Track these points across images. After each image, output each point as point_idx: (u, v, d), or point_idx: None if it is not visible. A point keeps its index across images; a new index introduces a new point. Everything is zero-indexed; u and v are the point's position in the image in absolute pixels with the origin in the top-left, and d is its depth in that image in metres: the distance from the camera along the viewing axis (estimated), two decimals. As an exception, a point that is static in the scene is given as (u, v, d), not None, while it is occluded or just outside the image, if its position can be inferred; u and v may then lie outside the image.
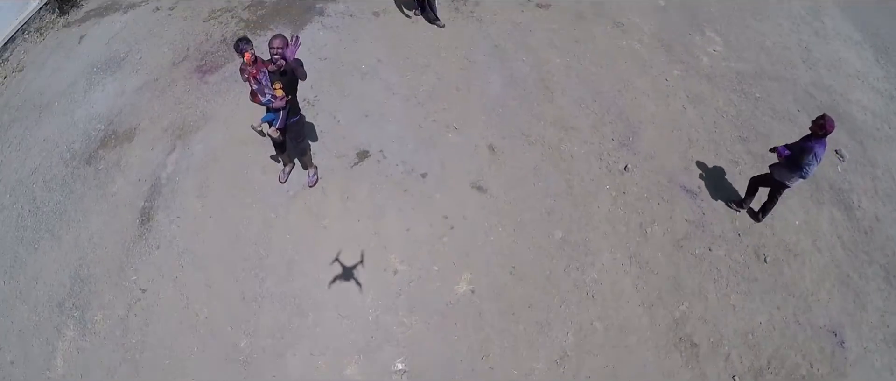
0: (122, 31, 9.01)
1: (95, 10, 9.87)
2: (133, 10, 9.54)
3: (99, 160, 6.78)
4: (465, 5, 8.55)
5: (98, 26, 9.30)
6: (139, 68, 8.06)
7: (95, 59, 8.40)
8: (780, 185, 5.60)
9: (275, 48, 4.76)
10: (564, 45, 8.01)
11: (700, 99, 7.46)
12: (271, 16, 8.31)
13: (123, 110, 7.34)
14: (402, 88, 7.05)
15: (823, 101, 7.63)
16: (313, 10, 8.29)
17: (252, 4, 8.66)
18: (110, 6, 9.85)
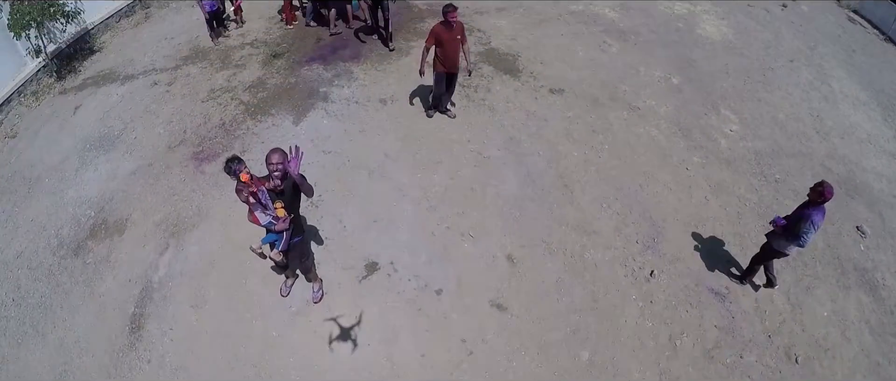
0: (119, 105, 9.17)
1: (93, 79, 10.12)
2: (130, 82, 9.77)
3: (87, 252, 6.73)
4: (476, 92, 8.74)
5: (94, 97, 9.50)
6: (133, 149, 8.13)
7: (89, 135, 8.49)
8: (778, 254, 5.69)
9: (273, 164, 4.40)
10: (581, 135, 8.09)
11: (722, 188, 7.58)
12: (273, 100, 8.38)
13: (115, 197, 7.33)
14: (412, 188, 7.00)
15: (840, 173, 7.97)
16: (316, 94, 8.37)
17: (253, 86, 8.77)
18: (108, 75, 10.11)
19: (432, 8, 11.34)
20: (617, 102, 8.84)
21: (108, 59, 10.81)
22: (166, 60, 10.27)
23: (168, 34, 11.37)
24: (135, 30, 12.06)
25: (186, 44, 10.74)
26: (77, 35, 11.32)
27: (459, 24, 6.96)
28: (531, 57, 9.80)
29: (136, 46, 11.12)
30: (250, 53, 9.88)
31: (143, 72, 10.02)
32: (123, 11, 12.63)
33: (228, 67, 9.55)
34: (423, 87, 8.62)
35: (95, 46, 11.46)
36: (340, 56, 9.55)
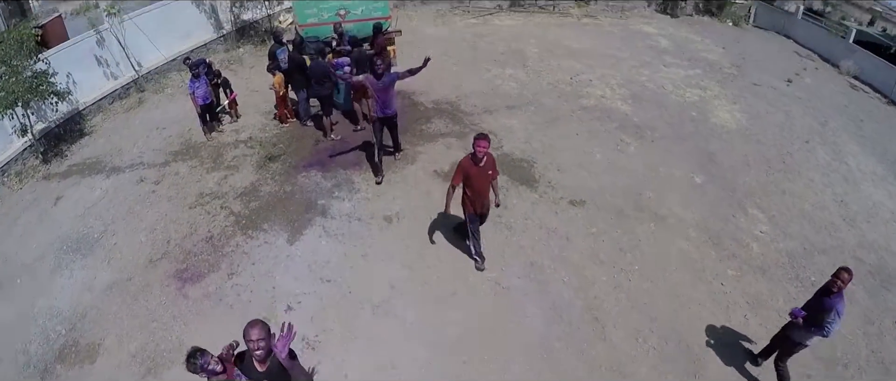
0: (101, 202, 9.11)
1: (79, 166, 10.18)
2: (116, 176, 9.77)
3: (56, 379, 6.39)
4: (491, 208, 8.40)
5: (78, 189, 9.48)
6: (112, 258, 7.96)
7: (68, 233, 8.39)
8: (799, 346, 5.74)
9: (254, 342, 3.67)
10: (609, 255, 7.85)
11: (759, 302, 7.42)
12: (266, 211, 8.22)
13: (89, 314, 7.09)
14: (423, 328, 6.61)
15: (872, 262, 8.18)
16: (314, 208, 8.22)
17: (245, 193, 8.65)
18: (95, 164, 10.16)
19: (439, 106, 11.48)
20: (642, 212, 8.71)
21: (97, 146, 10.93)
22: (155, 154, 10.33)
23: (160, 123, 11.47)
24: (127, 115, 12.26)
25: (178, 137, 10.79)
26: (68, 115, 11.55)
27: (491, 157, 6.59)
28: (547, 162, 9.77)
29: (126, 134, 11.26)
30: (244, 153, 9.86)
31: (131, 165, 10.06)
32: (118, 93, 12.89)
33: (220, 168, 9.49)
34: (430, 201, 8.47)
35: (86, 129, 11.65)
36: (341, 162, 9.51)
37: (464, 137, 10.34)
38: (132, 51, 13.05)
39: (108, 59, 12.73)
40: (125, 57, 12.91)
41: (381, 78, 7.90)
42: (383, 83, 7.97)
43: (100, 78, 12.60)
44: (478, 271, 7.33)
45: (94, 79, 12.39)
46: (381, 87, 7.98)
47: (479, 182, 6.53)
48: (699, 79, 14.31)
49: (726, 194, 9.25)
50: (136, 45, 13.12)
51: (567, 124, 11.25)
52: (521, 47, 15.35)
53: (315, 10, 10.75)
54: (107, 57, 12.67)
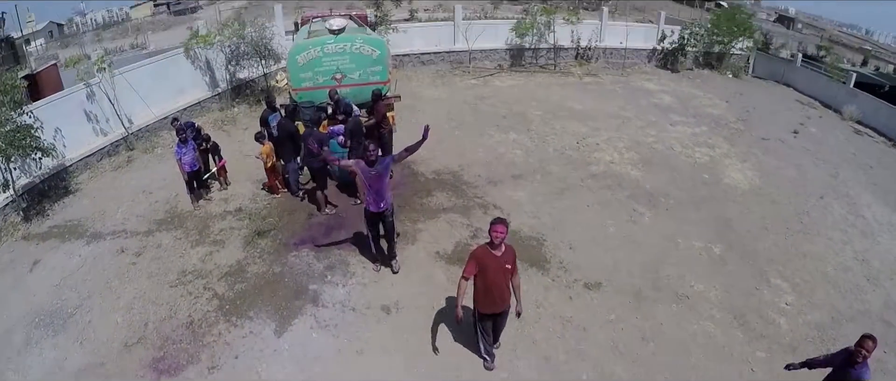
0: (79, 272, 8.45)
1: (59, 229, 9.60)
2: (97, 243, 9.13)
3: None
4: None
5: (56, 254, 8.89)
6: (85, 338, 7.23)
7: (41, 305, 7.74)
8: None
9: None
10: (630, 346, 7.12)
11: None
12: (252, 295, 7.58)
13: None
14: None
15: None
16: (305, 294, 7.56)
17: (231, 273, 8.02)
18: (76, 227, 9.58)
19: (440, 177, 10.93)
20: (662, 292, 8.10)
21: (81, 206, 10.37)
22: (139, 221, 9.70)
23: (147, 186, 10.94)
24: (115, 174, 11.73)
25: (164, 203, 10.24)
26: (54, 171, 11.01)
27: (510, 248, 5.75)
28: (558, 240, 9.12)
29: (111, 195, 10.70)
30: (232, 226, 9.25)
31: (113, 232, 9.43)
32: (107, 150, 12.40)
33: (205, 243, 8.88)
34: (432, 287, 7.81)
35: (71, 187, 11.09)
36: (335, 240, 8.82)
37: (468, 212, 9.76)
38: (123, 106, 12.61)
39: (98, 114, 12.29)
40: (115, 113, 12.45)
41: (373, 165, 6.91)
42: (376, 171, 6.93)
43: (89, 133, 12.14)
44: (486, 370, 6.60)
45: (82, 134, 11.92)
46: (373, 175, 6.94)
47: (494, 276, 5.64)
48: (706, 136, 14.15)
49: (747, 264, 8.87)
50: (127, 101, 12.69)
51: (577, 195, 10.70)
52: (523, 110, 15.03)
53: (310, 73, 10.26)
54: (97, 112, 12.24)
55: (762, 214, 10.38)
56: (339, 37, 10.09)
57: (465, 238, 8.92)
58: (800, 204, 10.90)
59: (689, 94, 18.43)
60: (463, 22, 18.76)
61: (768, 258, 9.08)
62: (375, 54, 10.30)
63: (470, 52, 18.70)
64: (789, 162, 12.85)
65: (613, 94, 17.46)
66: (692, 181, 11.56)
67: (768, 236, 9.73)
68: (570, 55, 20.22)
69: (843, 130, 16.65)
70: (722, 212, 10.40)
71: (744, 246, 9.33)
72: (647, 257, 8.90)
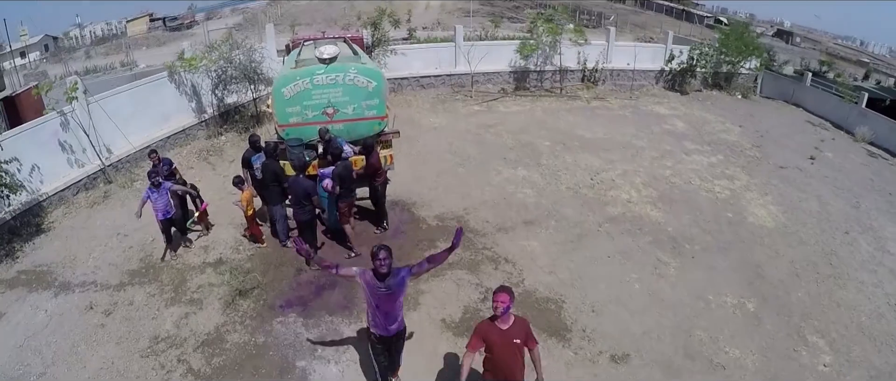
0: (44, 331, 7.50)
1: (27, 275, 8.74)
2: (65, 296, 8.19)
3: None
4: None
5: (21, 307, 8.00)
6: None
7: (2, 370, 6.80)
8: None
9: None
10: None
11: None
12: (231, 372, 6.55)
13: None
14: None
15: None
16: (292, 371, 6.59)
17: (208, 342, 7.03)
18: (45, 274, 8.72)
19: (444, 224, 9.82)
20: (695, 361, 7.14)
21: (52, 249, 9.44)
22: (111, 271, 8.69)
23: (122, 227, 9.96)
24: (90, 211, 10.74)
25: (138, 249, 9.25)
26: (26, 206, 10.13)
27: (520, 320, 4.92)
28: (579, 301, 8.03)
29: (84, 237, 9.74)
30: (211, 282, 8.22)
31: (82, 283, 8.45)
32: (83, 183, 11.44)
33: (181, 301, 7.87)
34: (438, 362, 6.76)
35: (44, 224, 10.17)
36: (326, 302, 7.76)
37: (477, 268, 8.61)
38: (102, 135, 11.63)
39: (74, 144, 11.29)
40: (91, 144, 11.43)
41: (384, 279, 5.11)
42: (388, 288, 5.13)
43: (64, 165, 11.16)
44: None
45: (57, 166, 10.96)
46: (383, 293, 5.15)
47: (502, 353, 4.81)
48: (724, 166, 13.43)
49: (783, 321, 8.11)
50: (106, 129, 11.69)
51: (596, 243, 9.64)
52: (531, 140, 14.02)
53: (298, 107, 8.93)
54: (72, 142, 11.24)
55: (791, 257, 9.67)
56: (330, 66, 9.03)
57: (474, 302, 7.83)
58: (826, 242, 10.34)
59: (701, 118, 17.60)
60: (465, 43, 17.78)
61: (803, 312, 8.35)
62: (371, 86, 9.23)
63: (472, 75, 17.71)
64: (810, 193, 12.27)
65: (623, 119, 16.52)
66: (716, 221, 10.68)
67: (800, 283, 9.03)
68: (576, 77, 19.29)
69: (858, 153, 16.22)
70: (750, 257, 9.58)
71: (777, 298, 8.55)
72: (677, 319, 7.89)
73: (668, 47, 20.44)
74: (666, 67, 20.40)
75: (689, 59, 20.19)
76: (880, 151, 16.67)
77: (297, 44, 13.15)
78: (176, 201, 8.90)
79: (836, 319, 8.34)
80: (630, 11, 41.18)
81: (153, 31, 41.02)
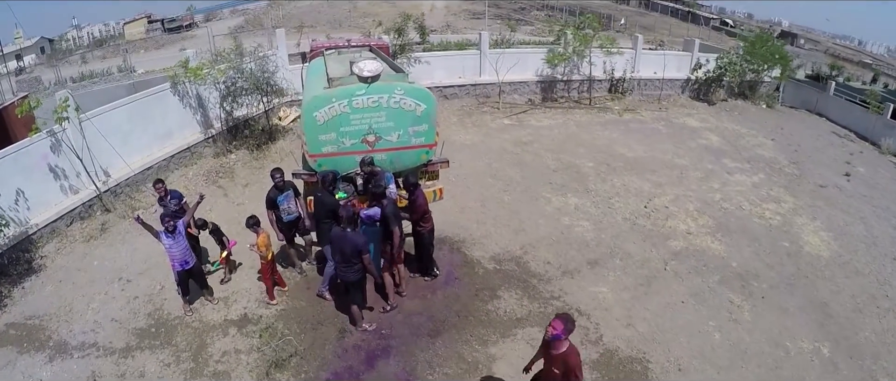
0: None
1: (17, 330, 7.35)
2: (61, 362, 6.78)
3: None
4: None
5: (11, 372, 6.58)
6: None
7: None
8: None
9: None
10: None
11: None
12: None
13: None
14: None
15: None
16: None
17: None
18: (37, 330, 7.30)
19: (502, 268, 8.44)
20: None
21: (44, 295, 8.04)
22: (114, 330, 7.25)
23: (125, 270, 8.57)
24: (86, 246, 9.26)
25: (146, 301, 7.82)
26: (14, 241, 8.72)
27: (570, 353, 4.67)
28: (663, 359, 7.01)
29: (81, 280, 8.33)
30: (237, 347, 6.77)
31: (81, 345, 7.04)
32: (78, 212, 9.98)
33: (203, 374, 6.47)
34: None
35: (35, 262, 8.75)
36: (382, 375, 6.32)
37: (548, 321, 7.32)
38: (97, 157, 10.10)
39: (67, 168, 9.79)
40: (84, 168, 9.89)
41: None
42: None
43: (55, 192, 9.67)
44: None
45: (47, 192, 9.50)
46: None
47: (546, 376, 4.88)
48: (768, 187, 12.83)
49: (856, 366, 7.58)
50: (101, 150, 10.18)
51: (666, 286, 8.49)
52: (572, 160, 12.78)
53: (333, 134, 7.37)
54: (64, 166, 9.75)
55: (851, 291, 9.19)
56: (372, 86, 7.41)
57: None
58: (878, 270, 9.88)
59: (734, 131, 16.68)
60: (492, 52, 16.31)
61: (873, 354, 7.84)
62: (420, 110, 7.66)
63: (500, 84, 16.26)
64: (855, 216, 11.82)
65: (658, 134, 15.39)
66: (775, 253, 9.96)
67: (864, 320, 8.53)
68: (603, 87, 17.95)
69: (888, 168, 15.78)
70: (815, 294, 8.99)
71: (847, 340, 8.04)
72: (761, 372, 7.13)
73: (694, 55, 19.20)
74: (692, 76, 19.19)
75: (718, 68, 19.01)
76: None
77: (317, 51, 11.59)
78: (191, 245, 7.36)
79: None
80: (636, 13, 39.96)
81: (151, 33, 39.03)
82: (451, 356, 6.63)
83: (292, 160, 11.92)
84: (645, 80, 18.46)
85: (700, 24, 35.08)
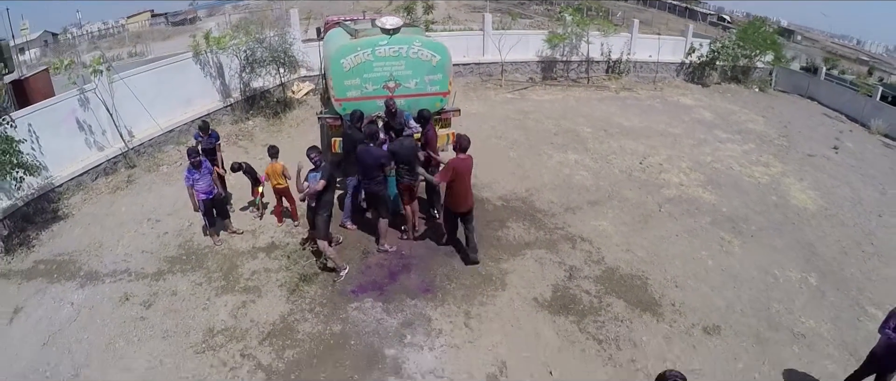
0: (71, 327, 6.44)
1: (46, 265, 7.65)
2: (93, 286, 7.13)
3: None
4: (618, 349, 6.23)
5: (42, 300, 6.94)
6: None
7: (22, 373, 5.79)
8: None
9: None
10: None
11: None
12: (310, 367, 5.65)
13: None
14: None
15: None
16: (381, 362, 5.75)
17: (275, 333, 6.17)
18: (67, 264, 7.64)
19: (510, 205, 9.11)
20: (780, 332, 6.99)
21: (72, 237, 8.38)
22: (145, 259, 7.69)
23: (153, 212, 8.96)
24: (112, 196, 9.64)
25: (175, 235, 8.26)
26: (40, 191, 9.06)
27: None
28: (661, 278, 7.66)
29: (109, 223, 8.69)
30: (266, 267, 7.26)
31: (113, 272, 7.42)
32: (103, 168, 10.34)
33: (235, 290, 6.87)
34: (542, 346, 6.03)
35: (61, 210, 9.10)
36: (404, 286, 6.87)
37: (555, 246, 7.94)
38: (122, 117, 10.54)
39: (93, 125, 10.23)
40: (113, 124, 10.36)
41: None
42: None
43: (81, 147, 10.09)
44: None
45: (74, 148, 9.91)
46: None
47: None
48: (757, 154, 13.42)
49: (842, 294, 8.14)
50: (126, 111, 10.64)
51: (661, 223, 9.13)
52: (571, 127, 13.44)
53: (358, 80, 8.26)
54: (91, 122, 10.19)
55: (837, 237, 9.73)
56: (393, 37, 8.09)
57: (561, 279, 7.22)
58: (864, 224, 10.38)
59: (726, 109, 17.33)
60: (494, 32, 16.97)
61: (858, 286, 8.35)
62: (435, 60, 8.34)
63: (502, 63, 16.87)
64: (841, 180, 12.35)
65: (654, 109, 16.04)
66: (764, 204, 10.53)
67: (849, 260, 9.04)
68: (600, 69, 18.63)
69: (875, 145, 16.30)
70: (802, 236, 9.55)
71: (833, 273, 8.56)
72: (753, 293, 7.70)
73: (688, 40, 19.93)
74: (686, 60, 19.88)
75: (711, 52, 19.70)
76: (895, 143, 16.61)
77: (330, 25, 12.13)
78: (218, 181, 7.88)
79: (886, 293, 8.28)
80: (634, 9, 40.75)
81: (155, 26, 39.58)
82: (467, 270, 7.20)
83: (306, 127, 12.54)
84: (641, 62, 19.12)
85: (697, 20, 35.86)
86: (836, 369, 6.41)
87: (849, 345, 6.92)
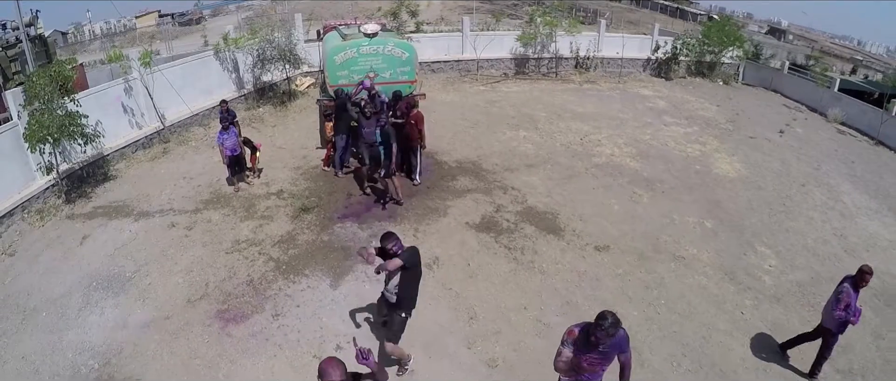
0: (131, 243, 9.34)
1: (104, 209, 10.38)
2: (145, 220, 10.09)
3: None
4: (523, 254, 9.25)
5: (104, 230, 9.67)
6: (147, 297, 8.04)
7: (97, 271, 8.47)
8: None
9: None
10: (637, 293, 8.50)
11: (778, 326, 8.03)
12: (306, 258, 8.80)
13: (124, 350, 6.93)
14: (474, 363, 6.91)
15: (875, 286, 8.79)
16: (354, 256, 8.72)
17: (283, 241, 9.20)
18: (121, 208, 10.45)
19: (462, 165, 12.44)
20: (662, 254, 9.49)
21: (123, 190, 11.28)
22: (185, 201, 10.80)
23: (187, 173, 12.06)
24: (152, 164, 12.81)
25: (207, 187, 11.37)
26: (92, 158, 11.86)
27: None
28: (570, 214, 10.59)
29: (152, 181, 11.73)
30: (277, 205, 10.48)
31: (160, 211, 10.45)
32: (141, 142, 13.53)
33: (253, 218, 10.05)
34: (465, 249, 9.23)
35: (110, 173, 12.00)
36: (375, 215, 10.11)
37: (490, 192, 11.19)
38: (158, 102, 13.82)
39: (134, 108, 13.43)
40: (151, 107, 13.62)
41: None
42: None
43: (125, 126, 13.21)
44: None
45: (119, 126, 12.96)
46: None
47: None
48: (698, 135, 15.73)
49: (735, 236, 10.18)
50: (161, 98, 13.91)
51: (583, 180, 12.21)
52: (530, 112, 16.61)
53: (346, 71, 11.60)
54: (133, 106, 13.38)
55: (748, 197, 11.76)
56: (373, 39, 11.47)
57: (489, 212, 10.46)
58: (783, 190, 12.26)
59: (682, 98, 20.00)
60: (471, 33, 20.38)
61: (754, 232, 10.37)
62: (405, 56, 11.73)
63: (477, 61, 20.24)
64: (775, 157, 14.24)
65: (611, 98, 19.03)
66: (685, 171, 13.07)
67: (754, 214, 11.06)
68: (569, 65, 21.84)
69: (828, 131, 18.06)
70: (712, 195, 11.82)
71: (732, 222, 10.68)
72: (647, 228, 10.30)
73: (654, 38, 23.03)
74: (652, 56, 22.91)
75: (673, 48, 22.66)
76: (850, 131, 18.41)
77: (329, 28, 15.58)
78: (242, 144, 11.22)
79: (783, 240, 10.26)
80: (625, 9, 44.02)
81: (163, 26, 43.29)
82: (420, 205, 10.52)
83: (308, 113, 15.86)
84: (608, 58, 22.30)
85: (688, 20, 38.75)
86: (708, 283, 8.70)
87: (726, 268, 9.11)
